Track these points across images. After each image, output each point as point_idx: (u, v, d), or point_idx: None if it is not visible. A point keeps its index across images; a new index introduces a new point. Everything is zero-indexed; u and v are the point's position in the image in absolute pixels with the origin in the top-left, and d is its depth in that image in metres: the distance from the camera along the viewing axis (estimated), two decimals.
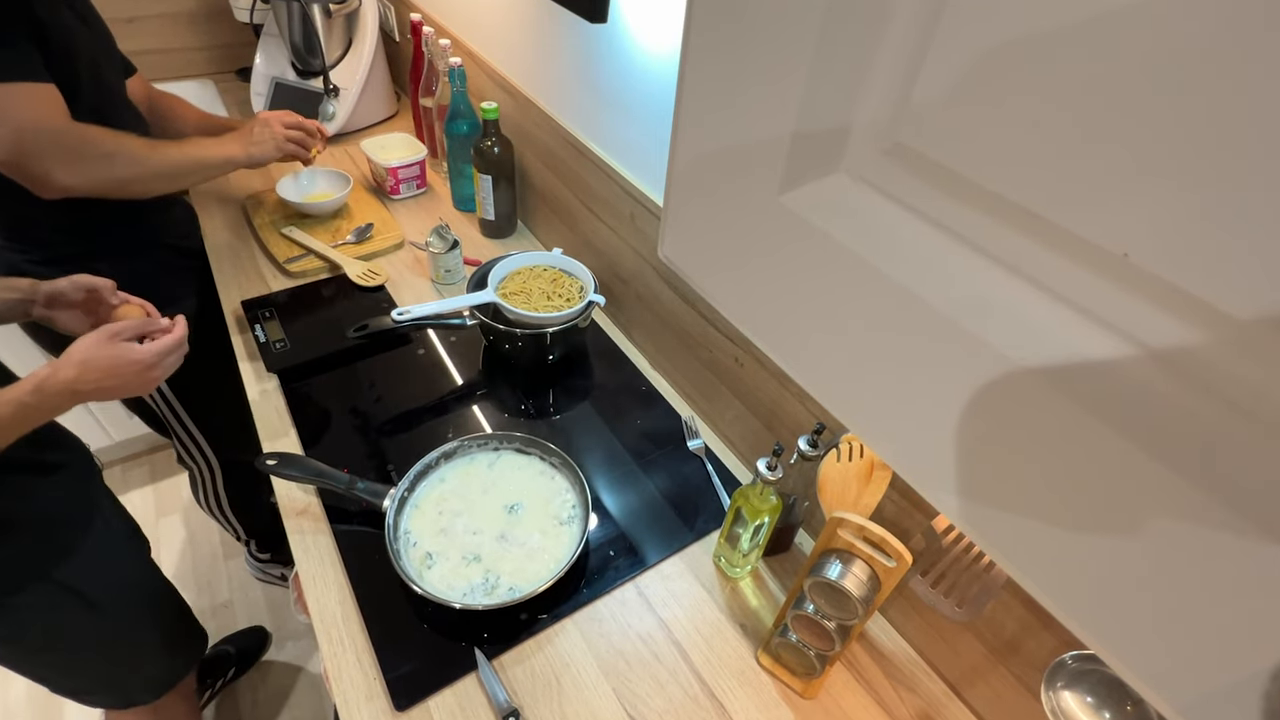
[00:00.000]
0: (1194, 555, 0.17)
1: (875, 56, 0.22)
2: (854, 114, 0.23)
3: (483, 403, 1.07)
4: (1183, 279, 0.17)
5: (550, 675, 0.76)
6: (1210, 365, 0.17)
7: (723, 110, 0.27)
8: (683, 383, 1.09)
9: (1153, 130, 0.16)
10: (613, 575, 0.85)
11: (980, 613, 0.64)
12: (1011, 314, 0.20)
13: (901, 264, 0.23)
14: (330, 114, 1.56)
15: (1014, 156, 0.19)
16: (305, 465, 0.88)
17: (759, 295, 0.29)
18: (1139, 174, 0.17)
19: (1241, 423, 0.16)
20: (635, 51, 0.94)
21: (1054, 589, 0.21)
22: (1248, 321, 0.16)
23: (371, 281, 1.23)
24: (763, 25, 0.24)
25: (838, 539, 0.64)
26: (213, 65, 1.83)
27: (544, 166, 1.26)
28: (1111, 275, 0.18)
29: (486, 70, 1.34)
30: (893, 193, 0.24)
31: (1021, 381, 0.20)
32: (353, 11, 1.56)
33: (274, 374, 1.06)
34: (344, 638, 0.77)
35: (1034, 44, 0.18)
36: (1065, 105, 0.18)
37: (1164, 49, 0.15)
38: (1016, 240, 0.20)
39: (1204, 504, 0.16)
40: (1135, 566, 0.18)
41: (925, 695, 0.77)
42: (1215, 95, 0.15)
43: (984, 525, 0.22)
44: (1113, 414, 0.18)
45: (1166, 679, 0.18)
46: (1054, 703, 0.57)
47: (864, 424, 0.26)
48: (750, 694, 0.76)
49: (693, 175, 0.30)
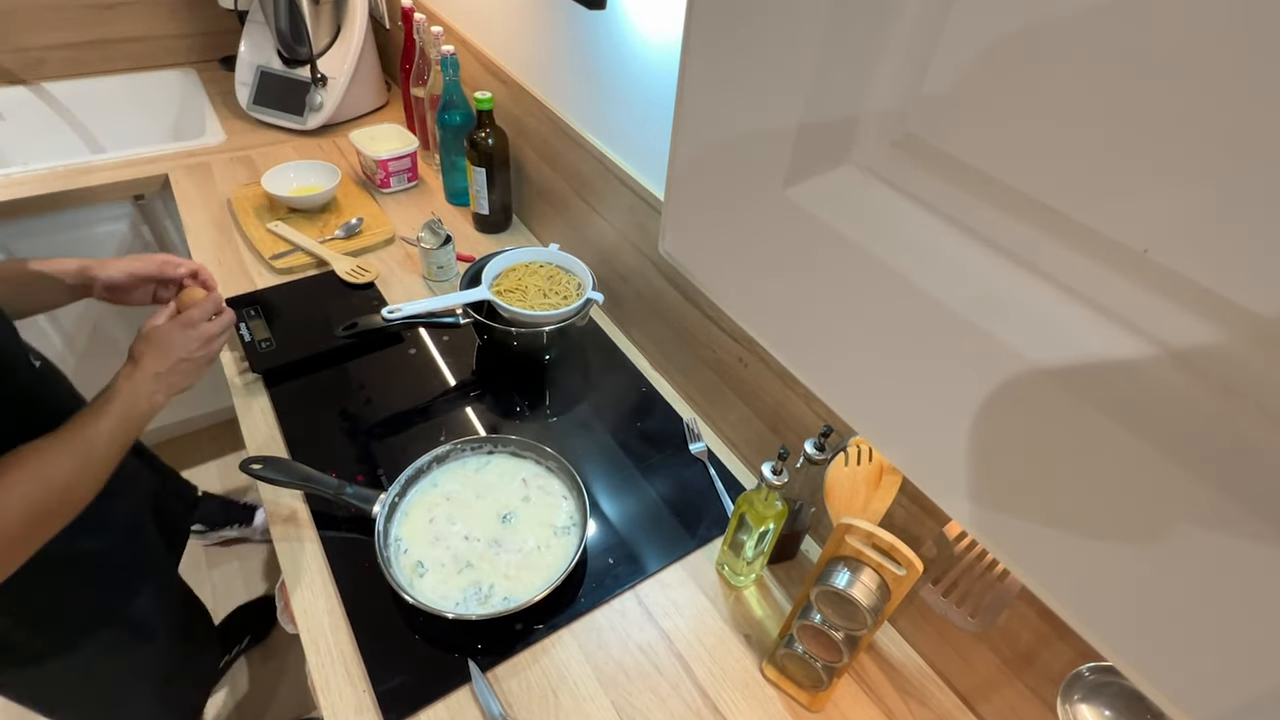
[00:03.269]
0: (1220, 565, 0.17)
1: (886, 43, 0.22)
2: (863, 104, 0.23)
3: (476, 404, 1.07)
4: (1205, 276, 0.16)
5: (547, 688, 0.76)
6: (1234, 365, 0.17)
7: (726, 100, 0.27)
8: (684, 383, 1.09)
9: (1175, 122, 0.16)
10: (612, 584, 0.85)
11: (993, 623, 0.64)
12: (1027, 312, 0.20)
13: (913, 260, 0.23)
14: (318, 104, 1.56)
15: (1030, 149, 0.19)
16: (292, 469, 0.88)
17: (764, 292, 0.29)
18: (1160, 167, 0.17)
19: (1269, 426, 0.16)
20: (635, 39, 0.94)
21: (1071, 598, 0.21)
22: (1274, 319, 0.16)
23: (361, 278, 1.23)
24: (768, 11, 0.24)
25: (846, 546, 0.64)
26: (195, 54, 1.83)
27: (540, 159, 1.26)
28: (1131, 272, 0.18)
29: (480, 58, 1.34)
30: (903, 186, 0.23)
31: (1037, 382, 0.20)
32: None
33: (259, 374, 1.06)
34: (332, 649, 0.77)
35: (1051, 30, 0.18)
36: (1084, 96, 0.18)
37: (1190, 37, 0.15)
38: (1032, 236, 0.20)
39: (1230, 511, 0.16)
40: (1157, 576, 0.18)
41: (936, 708, 0.77)
42: (1240, 86, 0.15)
43: (998, 532, 0.22)
44: (1132, 416, 0.18)
45: (1189, 693, 0.18)
46: (1071, 716, 0.57)
47: (873, 426, 0.26)
48: (754, 707, 0.76)
49: (695, 168, 0.30)
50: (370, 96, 1.69)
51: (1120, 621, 0.20)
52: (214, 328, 0.84)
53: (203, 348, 0.82)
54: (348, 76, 1.56)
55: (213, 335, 0.83)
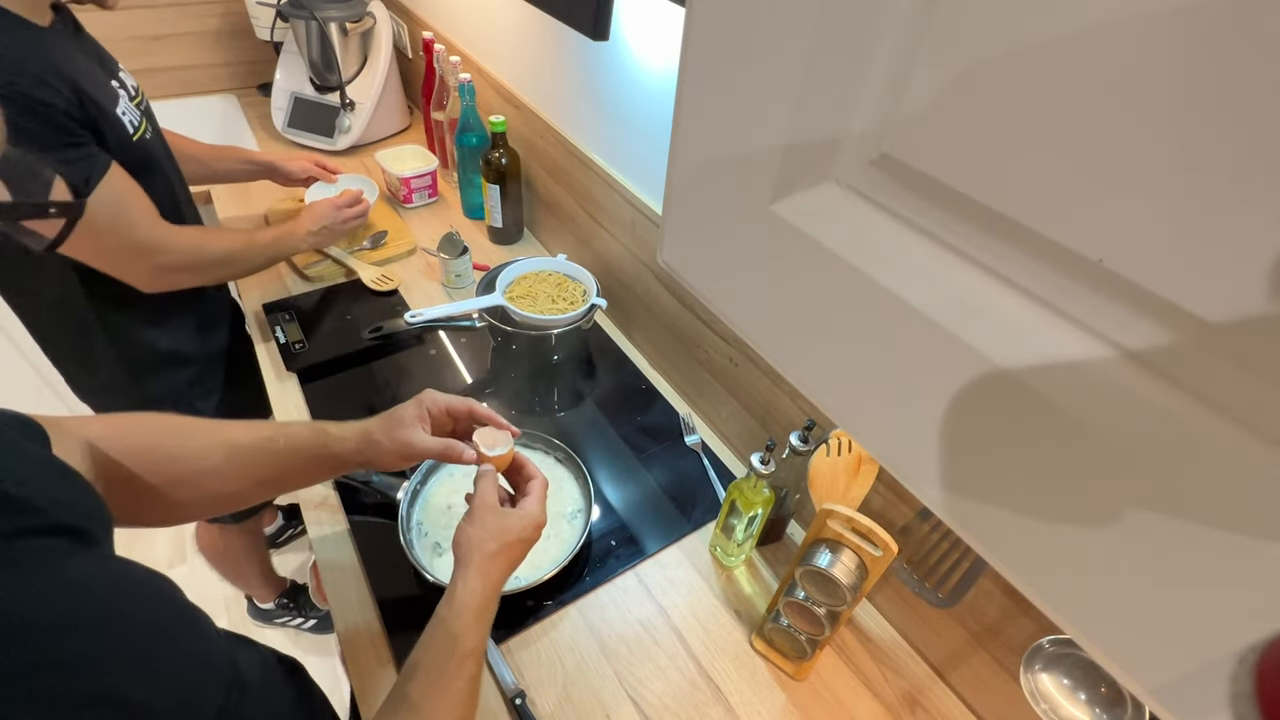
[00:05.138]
0: (1162, 544, 0.17)
1: (863, 75, 0.22)
2: (844, 127, 0.23)
3: (491, 400, 1.06)
4: (1155, 283, 0.17)
5: (555, 659, 0.75)
6: (1181, 364, 0.17)
7: (718, 123, 0.27)
8: (680, 381, 1.09)
9: (1124, 145, 0.16)
10: (614, 564, 0.85)
11: (962, 599, 0.64)
12: (991, 316, 0.20)
13: (887, 268, 0.23)
14: (346, 127, 1.56)
15: (994, 168, 0.19)
16: None
17: (752, 298, 0.29)
18: (1112, 186, 0.17)
19: (1209, 417, 0.16)
20: (635, 68, 0.94)
21: (1031, 577, 0.21)
22: (1215, 323, 0.16)
23: (385, 286, 1.23)
24: (756, 44, 0.24)
25: (827, 529, 0.64)
26: (235, 81, 1.83)
27: (549, 176, 1.26)
28: (1087, 280, 0.18)
29: (495, 85, 1.34)
30: (879, 201, 0.23)
31: (1001, 380, 0.20)
32: (368, 30, 1.56)
33: (293, 374, 1.06)
34: (359, 623, 0.77)
35: (1010, 65, 0.18)
36: (1042, 122, 0.18)
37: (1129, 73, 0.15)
38: (997, 246, 0.20)
39: (1172, 495, 0.16)
40: (1107, 556, 0.18)
41: (910, 677, 0.77)
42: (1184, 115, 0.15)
43: (965, 517, 0.22)
44: (1087, 412, 0.18)
45: (1139, 662, 0.18)
46: (1032, 684, 0.57)
47: (852, 420, 0.26)
48: (744, 676, 0.76)
49: (690, 185, 0.30)
50: (394, 120, 1.68)
51: (1075, 598, 0.20)
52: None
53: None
54: (374, 101, 1.56)
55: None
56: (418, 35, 1.56)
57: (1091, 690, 0.55)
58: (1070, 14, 0.16)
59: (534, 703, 0.71)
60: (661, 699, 0.73)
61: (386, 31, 1.56)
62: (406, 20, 1.69)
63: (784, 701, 0.74)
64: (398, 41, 1.71)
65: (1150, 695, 0.18)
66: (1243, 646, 0.16)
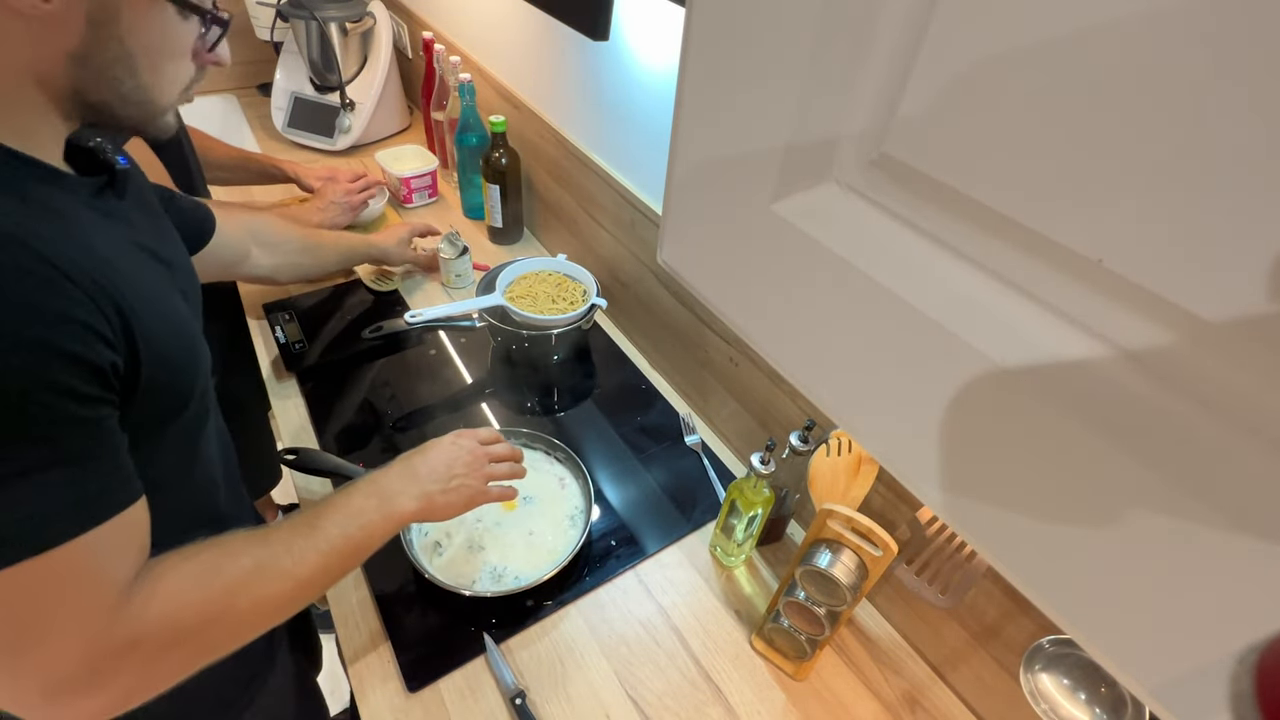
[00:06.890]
0: (1163, 545, 0.17)
1: (862, 77, 0.22)
2: (843, 127, 0.23)
3: (491, 400, 1.06)
4: (1154, 283, 0.17)
5: (555, 658, 0.75)
6: (1180, 364, 0.17)
7: (718, 123, 0.27)
8: (680, 381, 1.09)
9: (1123, 147, 0.16)
10: (614, 564, 0.85)
11: (962, 599, 0.64)
12: (991, 316, 0.20)
13: (887, 269, 0.23)
14: (346, 127, 1.56)
15: (993, 169, 0.19)
16: (322, 459, 0.88)
17: (752, 298, 0.29)
18: (1111, 187, 0.17)
19: (1208, 417, 0.16)
20: (635, 68, 0.94)
21: (1031, 577, 0.21)
22: (1214, 323, 0.16)
23: (385, 286, 1.23)
24: (756, 44, 0.24)
25: (827, 529, 0.64)
26: (235, 81, 1.83)
27: (549, 176, 1.26)
28: (1087, 280, 0.18)
29: (494, 85, 1.34)
30: (879, 200, 0.23)
31: (1001, 381, 0.20)
32: (368, 30, 1.56)
33: (293, 373, 1.06)
34: (360, 623, 0.77)
35: (1007, 67, 0.18)
36: (1038, 121, 0.18)
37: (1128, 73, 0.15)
38: (997, 246, 0.20)
39: (1172, 496, 0.16)
40: (1108, 556, 0.18)
41: (910, 677, 0.77)
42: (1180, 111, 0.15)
43: (965, 517, 0.22)
44: (1086, 412, 0.18)
45: (1139, 662, 0.18)
46: (1032, 684, 0.57)
47: (852, 420, 0.26)
48: (744, 676, 0.76)
49: (690, 184, 0.30)
50: (394, 120, 1.68)
51: (1076, 598, 0.20)
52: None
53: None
54: (374, 102, 1.56)
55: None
56: (418, 35, 1.56)
57: (1091, 690, 0.55)
58: (1070, 14, 0.16)
59: (534, 703, 0.71)
60: (661, 699, 0.73)
61: (386, 31, 1.56)
62: (406, 20, 1.69)
63: (784, 701, 0.74)
64: (398, 41, 1.71)
65: (1150, 695, 0.18)
66: (1243, 646, 0.16)
